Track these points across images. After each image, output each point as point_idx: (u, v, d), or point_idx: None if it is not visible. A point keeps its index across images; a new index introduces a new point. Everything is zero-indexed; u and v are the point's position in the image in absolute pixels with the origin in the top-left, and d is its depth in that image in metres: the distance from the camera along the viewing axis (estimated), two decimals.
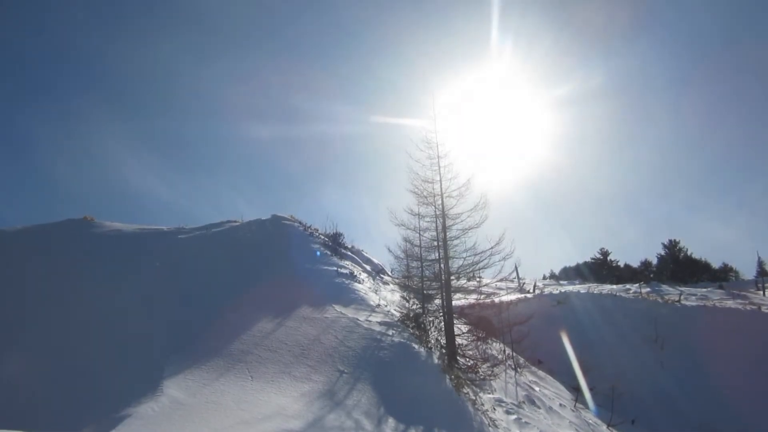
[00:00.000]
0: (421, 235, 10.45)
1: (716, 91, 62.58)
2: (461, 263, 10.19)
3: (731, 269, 31.39)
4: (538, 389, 10.41)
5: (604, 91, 53.69)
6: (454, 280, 10.18)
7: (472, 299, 14.74)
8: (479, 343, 10.82)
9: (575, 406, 10.67)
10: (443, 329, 10.04)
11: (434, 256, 10.39)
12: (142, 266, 10.59)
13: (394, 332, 8.12)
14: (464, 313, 13.23)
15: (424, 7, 60.13)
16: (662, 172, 69.49)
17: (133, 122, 60.33)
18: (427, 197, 10.35)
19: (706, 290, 20.77)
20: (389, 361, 7.24)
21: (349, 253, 13.82)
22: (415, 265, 10.88)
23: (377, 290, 11.14)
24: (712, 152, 68.61)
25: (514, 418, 7.76)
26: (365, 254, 15.06)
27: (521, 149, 39.20)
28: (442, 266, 10.10)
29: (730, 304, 17.27)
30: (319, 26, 62.94)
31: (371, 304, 9.45)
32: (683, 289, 20.91)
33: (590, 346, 14.76)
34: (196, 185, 65.62)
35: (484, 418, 6.84)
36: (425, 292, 10.83)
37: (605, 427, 10.28)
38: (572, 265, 35.50)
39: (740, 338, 14.44)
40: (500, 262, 9.82)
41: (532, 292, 21.51)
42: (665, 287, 21.30)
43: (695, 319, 15.84)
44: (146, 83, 63.73)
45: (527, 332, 13.08)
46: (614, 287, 21.91)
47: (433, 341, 9.20)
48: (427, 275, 10.78)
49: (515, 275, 23.68)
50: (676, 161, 70.29)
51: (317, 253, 12.12)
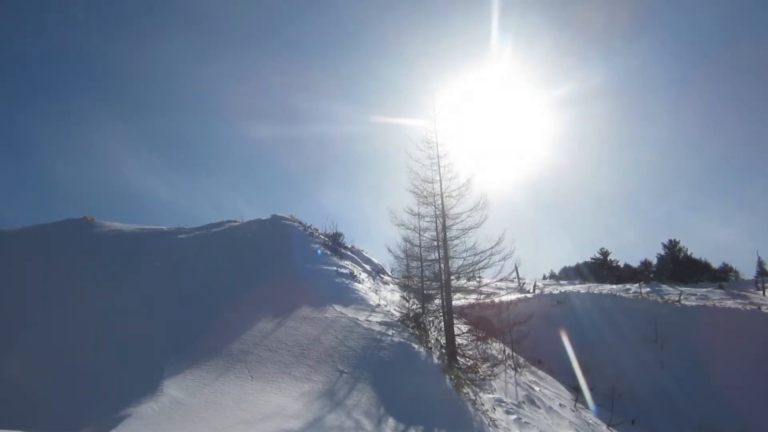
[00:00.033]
0: (421, 235, 10.46)
1: (716, 91, 62.66)
2: (461, 263, 10.21)
3: (731, 269, 31.41)
4: (538, 389, 10.41)
5: (604, 91, 53.75)
6: (454, 280, 10.18)
7: (472, 299, 14.75)
8: (479, 343, 10.82)
9: (575, 406, 10.67)
10: (443, 329, 10.04)
11: (434, 256, 10.39)
12: (142, 266, 10.59)
13: (394, 332, 8.12)
14: (464, 313, 13.23)
15: (424, 7, 60.20)
16: (662, 172, 69.58)
17: (133, 122, 60.41)
18: (427, 197, 10.35)
19: (706, 290, 20.77)
20: (389, 361, 7.25)
21: (349, 253, 13.82)
22: (415, 265, 10.88)
23: (377, 290, 11.14)
24: (712, 152, 68.70)
25: (514, 418, 7.76)
26: (365, 254, 15.06)
27: (521, 149, 39.21)
28: (442, 266, 10.10)
29: (730, 304, 17.28)
30: (319, 26, 63.03)
31: (371, 304, 9.45)
32: (683, 289, 20.92)
33: (590, 346, 14.76)
34: (196, 185, 65.69)
35: (484, 417, 6.84)
36: (425, 292, 10.83)
37: (605, 427, 10.28)
38: (572, 265, 35.57)
39: (740, 338, 14.44)
40: (500, 262, 9.84)
41: (532, 292, 21.52)
42: (665, 287, 21.31)
43: (695, 319, 15.84)
44: (146, 83, 63.81)
45: (527, 332, 13.08)
46: (614, 287, 21.93)
47: (433, 341, 9.20)
48: (427, 275, 10.78)
49: (515, 275, 23.71)
50: (676, 161, 70.38)
51: (318, 252, 12.12)
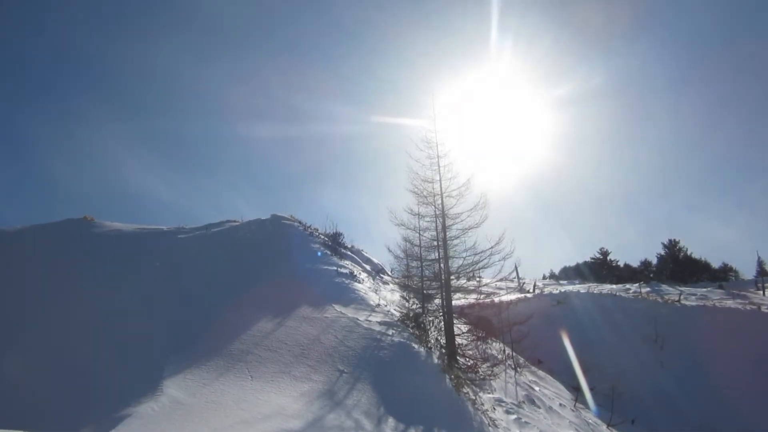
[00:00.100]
0: (420, 234, 10.45)
1: (716, 91, 62.67)
2: (461, 263, 10.21)
3: (731, 269, 31.41)
4: (537, 389, 10.41)
5: (604, 91, 53.75)
6: (453, 279, 10.18)
7: (471, 299, 14.77)
8: (479, 342, 10.82)
9: (575, 405, 10.67)
10: (443, 329, 10.04)
11: (434, 255, 10.39)
12: (142, 266, 10.59)
13: (393, 332, 8.12)
14: (464, 312, 13.25)
15: (424, 7, 60.21)
16: (662, 172, 69.58)
17: (133, 122, 60.39)
18: (426, 197, 10.35)
19: (705, 290, 20.77)
20: (389, 360, 7.25)
21: (348, 252, 13.81)
22: (414, 264, 10.88)
23: (377, 290, 11.14)
24: (712, 152, 68.71)
25: (513, 417, 7.76)
26: (365, 254, 15.06)
27: (521, 149, 39.24)
28: (441, 266, 10.10)
29: (729, 303, 17.28)
30: (319, 26, 63.02)
31: (371, 303, 9.45)
32: (683, 288, 20.92)
33: (590, 345, 14.76)
34: (196, 185, 65.70)
35: (484, 417, 6.84)
36: (425, 291, 10.83)
37: (605, 426, 10.28)
38: (572, 264, 35.58)
39: (740, 338, 14.44)
40: (500, 261, 9.84)
41: (531, 291, 21.52)
42: (665, 287, 21.31)
43: (695, 318, 15.84)
44: (146, 83, 63.81)
45: (527, 332, 13.09)
46: (614, 287, 21.92)
47: (432, 341, 9.21)
48: (426, 275, 10.78)
49: (515, 275, 23.72)
50: (676, 161, 70.38)
51: (318, 253, 12.11)
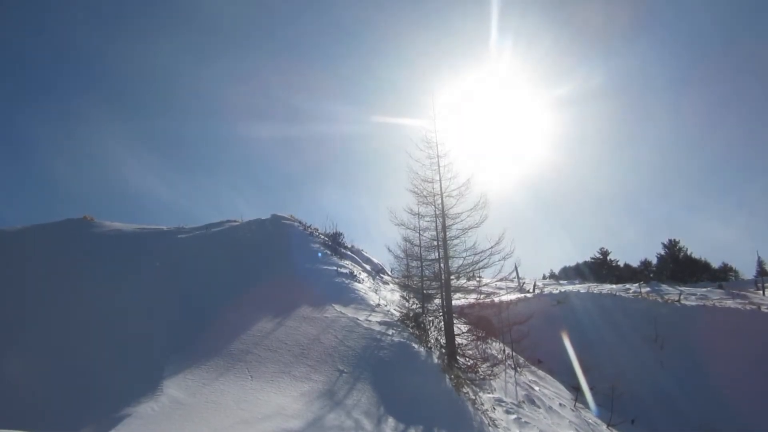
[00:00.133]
0: (420, 234, 10.45)
1: (716, 91, 62.66)
2: (461, 263, 10.21)
3: (731, 269, 31.42)
4: (537, 389, 10.41)
5: (604, 91, 53.73)
6: (453, 279, 10.18)
7: (471, 299, 14.77)
8: (479, 342, 10.82)
9: (575, 405, 10.68)
10: (443, 329, 10.04)
11: (434, 255, 10.39)
12: (142, 266, 10.59)
13: (393, 332, 8.13)
14: (464, 312, 13.25)
15: (424, 7, 60.18)
16: (662, 172, 69.58)
17: (133, 122, 60.37)
18: (426, 197, 10.35)
19: (705, 290, 20.77)
20: (389, 360, 7.25)
21: (348, 252, 13.82)
22: (414, 264, 10.88)
23: (377, 290, 11.14)
24: (712, 152, 68.71)
25: (513, 417, 7.77)
26: (365, 254, 15.06)
27: (521, 149, 39.20)
28: (441, 266, 10.10)
29: (729, 303, 17.27)
30: (319, 26, 63.00)
31: (371, 303, 9.45)
32: (683, 288, 20.92)
33: (590, 345, 14.77)
34: (196, 185, 65.69)
35: (483, 417, 6.85)
36: (425, 291, 10.83)
37: (605, 426, 10.28)
38: (572, 264, 35.61)
39: (740, 338, 14.44)
40: (500, 261, 9.84)
41: (531, 291, 21.52)
42: (665, 287, 21.31)
43: (695, 318, 15.84)
44: (146, 83, 63.79)
45: (527, 332, 13.09)
46: (614, 287, 21.93)
47: (432, 341, 9.21)
48: (426, 275, 10.78)
49: (515, 275, 23.72)
50: (676, 161, 70.38)
51: (319, 253, 12.10)
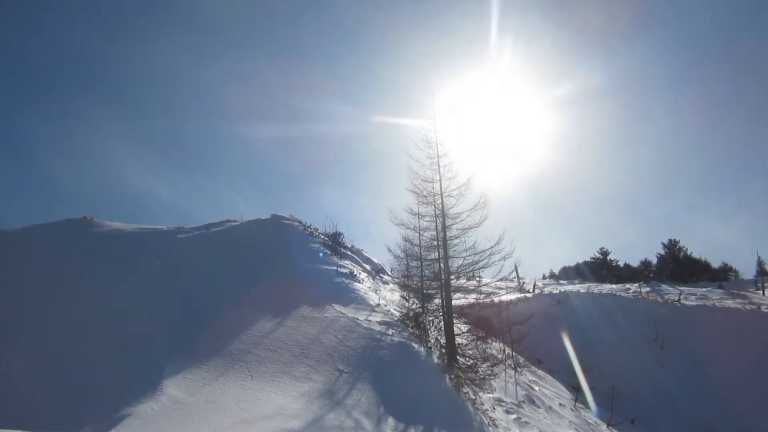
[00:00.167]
0: (420, 234, 10.45)
1: (716, 91, 62.69)
2: (461, 263, 10.20)
3: (731, 269, 31.42)
4: (537, 389, 10.41)
5: (604, 91, 53.76)
6: (453, 279, 10.18)
7: (471, 299, 14.77)
8: (479, 342, 10.82)
9: (575, 405, 10.68)
10: (443, 329, 10.04)
11: (434, 255, 10.39)
12: (142, 266, 10.59)
13: (393, 332, 8.13)
14: (464, 312, 13.25)
15: (424, 7, 60.22)
16: (662, 172, 69.61)
17: (133, 122, 60.41)
18: (426, 197, 10.34)
19: (705, 290, 20.78)
20: (389, 360, 7.25)
21: (348, 252, 13.81)
22: (414, 264, 10.88)
23: (377, 290, 11.14)
24: (712, 152, 68.74)
25: (513, 417, 7.77)
26: (365, 254, 15.06)
27: (521, 149, 39.22)
28: (441, 266, 10.10)
29: (729, 303, 17.28)
30: (319, 26, 63.04)
31: (371, 303, 9.45)
32: (683, 288, 20.92)
33: (590, 345, 14.77)
34: (196, 185, 65.73)
35: (483, 417, 6.85)
36: (425, 291, 10.83)
37: (605, 426, 10.28)
38: (572, 264, 35.63)
39: (740, 338, 14.44)
40: (500, 261, 9.83)
41: (531, 291, 21.52)
42: (665, 287, 21.31)
43: (695, 318, 15.84)
44: (146, 83, 63.83)
45: (527, 332, 13.09)
46: (614, 287, 21.93)
47: (432, 341, 9.21)
48: (426, 275, 10.78)
49: (515, 275, 23.75)
50: (676, 161, 70.40)
51: (320, 254, 12.08)
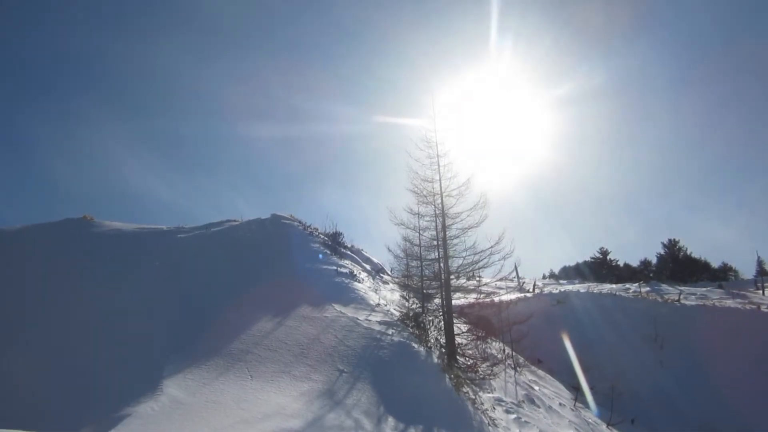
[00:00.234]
0: (420, 234, 10.45)
1: (716, 91, 62.72)
2: (461, 262, 10.20)
3: (731, 269, 31.45)
4: (537, 388, 10.42)
5: (604, 91, 53.79)
6: (453, 279, 10.17)
7: (471, 298, 14.77)
8: (479, 342, 10.82)
9: (575, 405, 10.68)
10: (443, 328, 10.04)
11: (434, 255, 10.39)
12: (142, 266, 10.59)
13: (393, 331, 8.13)
14: (464, 312, 13.25)
15: (424, 7, 60.24)
16: (662, 172, 69.66)
17: (133, 122, 60.44)
18: (426, 196, 10.34)
19: (705, 290, 20.79)
20: (389, 360, 7.25)
21: (348, 252, 13.82)
22: (414, 264, 10.88)
23: (377, 289, 11.14)
24: (712, 152, 68.79)
25: (513, 417, 7.77)
26: (365, 253, 15.07)
27: (521, 149, 39.23)
28: (441, 265, 10.10)
29: (729, 303, 17.28)
30: (319, 26, 63.06)
31: (371, 303, 9.45)
32: (683, 288, 20.93)
33: (590, 345, 14.77)
34: (196, 185, 65.76)
35: (483, 417, 6.85)
36: (425, 291, 10.83)
37: (605, 426, 10.29)
38: (572, 264, 35.70)
39: (740, 338, 14.45)
40: (500, 261, 9.83)
41: (531, 291, 21.52)
42: (665, 286, 21.33)
43: (695, 318, 15.85)
44: (146, 83, 63.84)
45: (527, 331, 13.10)
46: (614, 286, 21.94)
47: (432, 340, 9.21)
48: (426, 274, 10.78)
49: (515, 274, 23.75)
50: (676, 161, 70.46)
51: (320, 255, 12.07)
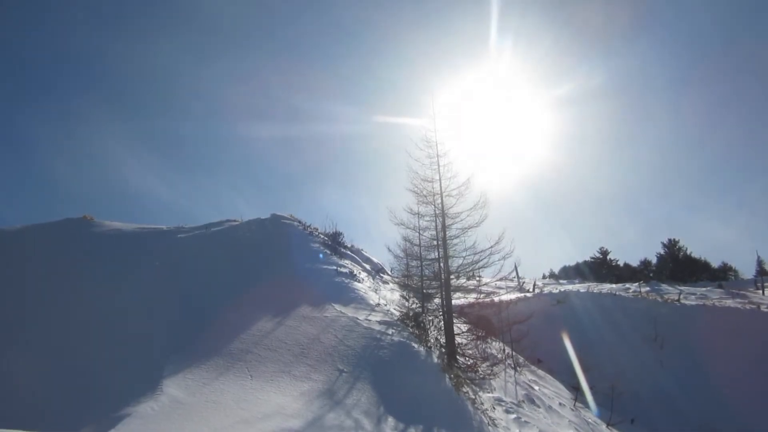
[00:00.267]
0: (420, 234, 10.45)
1: (716, 91, 62.76)
2: (461, 262, 10.20)
3: (730, 268, 31.45)
4: (537, 388, 10.42)
5: (604, 91, 53.82)
6: (453, 279, 10.18)
7: (471, 298, 14.73)
8: (479, 342, 10.82)
9: (575, 405, 10.68)
10: (443, 328, 10.04)
11: (434, 255, 10.39)
12: (142, 266, 10.59)
13: (393, 331, 8.13)
14: (464, 312, 13.23)
15: (424, 7, 60.28)
16: (662, 172, 69.70)
17: (133, 122, 60.49)
18: (426, 196, 10.34)
19: (705, 289, 20.78)
20: (389, 360, 7.25)
21: (348, 252, 13.82)
22: (414, 264, 10.88)
23: (377, 289, 11.14)
24: (712, 152, 68.82)
25: (513, 417, 7.77)
26: (365, 253, 15.07)
27: (521, 149, 39.22)
28: (441, 265, 10.10)
29: (729, 303, 17.28)
30: (319, 26, 63.09)
31: (371, 303, 9.45)
32: (682, 288, 20.93)
33: (590, 345, 14.77)
34: (196, 185, 65.80)
35: (483, 417, 6.85)
36: (425, 291, 10.83)
37: (605, 426, 10.29)
38: (572, 264, 35.71)
39: (740, 337, 14.45)
40: (500, 261, 9.83)
41: (531, 291, 21.52)
42: (665, 286, 21.32)
43: (695, 318, 15.85)
44: (146, 83, 63.88)
45: (527, 331, 13.10)
46: (614, 286, 21.94)
47: (432, 340, 9.21)
48: (426, 274, 10.78)
49: (515, 274, 23.73)
50: (676, 161, 70.49)
51: (320, 254, 12.08)
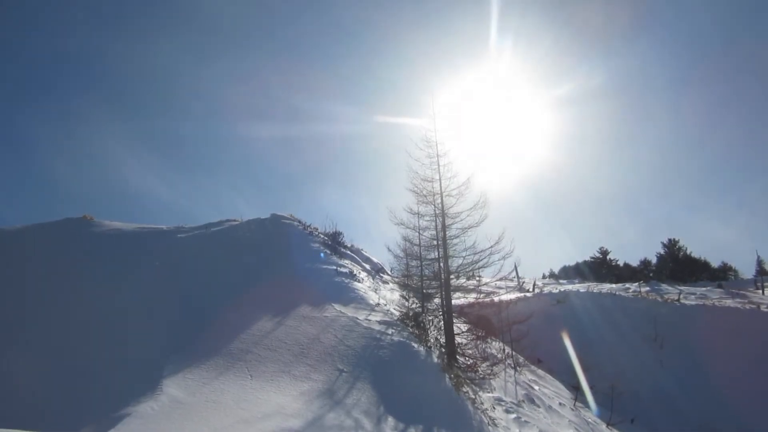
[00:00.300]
0: (420, 234, 10.46)
1: (716, 91, 62.79)
2: (461, 262, 10.20)
3: (730, 268, 31.46)
4: (537, 388, 10.42)
5: (604, 91, 53.84)
6: (453, 279, 10.18)
7: (471, 298, 14.73)
8: (479, 342, 10.82)
9: (575, 404, 10.68)
10: (443, 328, 10.04)
11: (434, 255, 10.39)
12: (142, 266, 10.59)
13: (393, 331, 8.13)
14: (464, 312, 13.23)
15: (424, 7, 60.29)
16: (662, 172, 69.73)
17: (133, 122, 60.50)
18: (426, 196, 10.35)
19: (705, 289, 20.78)
20: (389, 360, 7.25)
21: (348, 252, 13.82)
22: (414, 264, 10.89)
23: (377, 289, 11.15)
24: (712, 152, 68.85)
25: (513, 416, 7.77)
26: (365, 253, 15.07)
27: (521, 149, 39.26)
28: (441, 265, 10.10)
29: (729, 303, 17.28)
30: (319, 26, 63.11)
31: (371, 303, 9.45)
32: (682, 288, 20.93)
33: (590, 345, 14.77)
34: (196, 185, 65.82)
35: (483, 416, 6.85)
36: (425, 291, 10.84)
37: (605, 425, 10.29)
38: (572, 264, 35.72)
39: (739, 337, 14.45)
40: (500, 261, 9.83)
41: (531, 291, 21.52)
42: (665, 286, 21.32)
43: (695, 318, 15.85)
44: (146, 83, 63.89)
45: (527, 331, 13.09)
46: (614, 286, 21.94)
47: (432, 340, 9.21)
48: (426, 274, 10.78)
49: (515, 274, 23.72)
50: (676, 161, 70.52)
51: (321, 254, 12.08)
